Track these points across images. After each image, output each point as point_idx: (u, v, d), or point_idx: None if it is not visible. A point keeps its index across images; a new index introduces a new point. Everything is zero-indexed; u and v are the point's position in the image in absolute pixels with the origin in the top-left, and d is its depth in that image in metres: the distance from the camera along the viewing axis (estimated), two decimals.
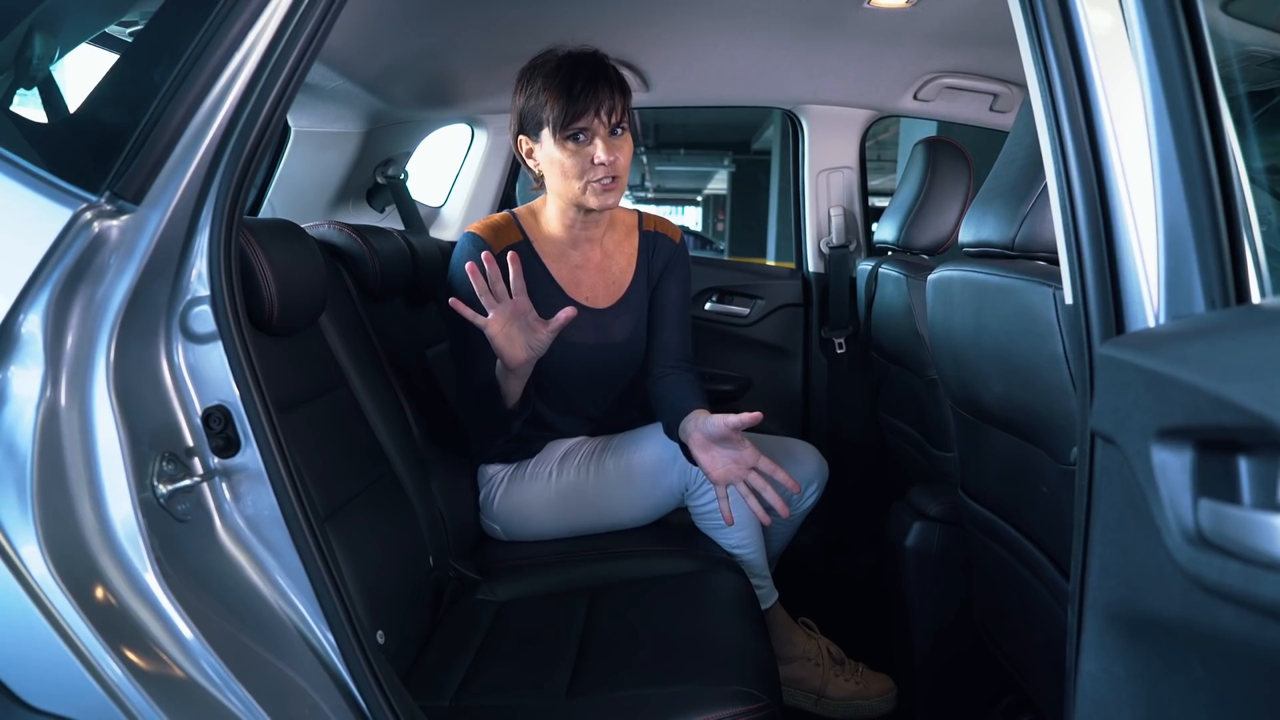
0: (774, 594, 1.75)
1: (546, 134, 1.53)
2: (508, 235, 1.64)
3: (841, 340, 2.50)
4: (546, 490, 1.68)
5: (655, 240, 1.77)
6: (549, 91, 1.51)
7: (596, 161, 1.52)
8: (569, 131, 1.51)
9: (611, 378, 1.74)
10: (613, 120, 1.52)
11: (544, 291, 1.64)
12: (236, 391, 0.94)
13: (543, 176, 1.61)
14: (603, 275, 1.72)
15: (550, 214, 1.66)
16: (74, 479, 0.87)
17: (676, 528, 1.78)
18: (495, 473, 1.73)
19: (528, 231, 1.66)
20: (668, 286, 1.76)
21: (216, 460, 0.96)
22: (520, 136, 1.59)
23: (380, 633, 1.21)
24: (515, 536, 1.75)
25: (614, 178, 1.54)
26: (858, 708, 1.74)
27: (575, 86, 1.49)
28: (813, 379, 2.60)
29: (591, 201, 1.56)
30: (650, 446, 1.65)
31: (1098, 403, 0.72)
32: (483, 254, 1.36)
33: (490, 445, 1.72)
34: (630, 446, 1.67)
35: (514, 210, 1.70)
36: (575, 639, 1.36)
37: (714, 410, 1.49)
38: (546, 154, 1.56)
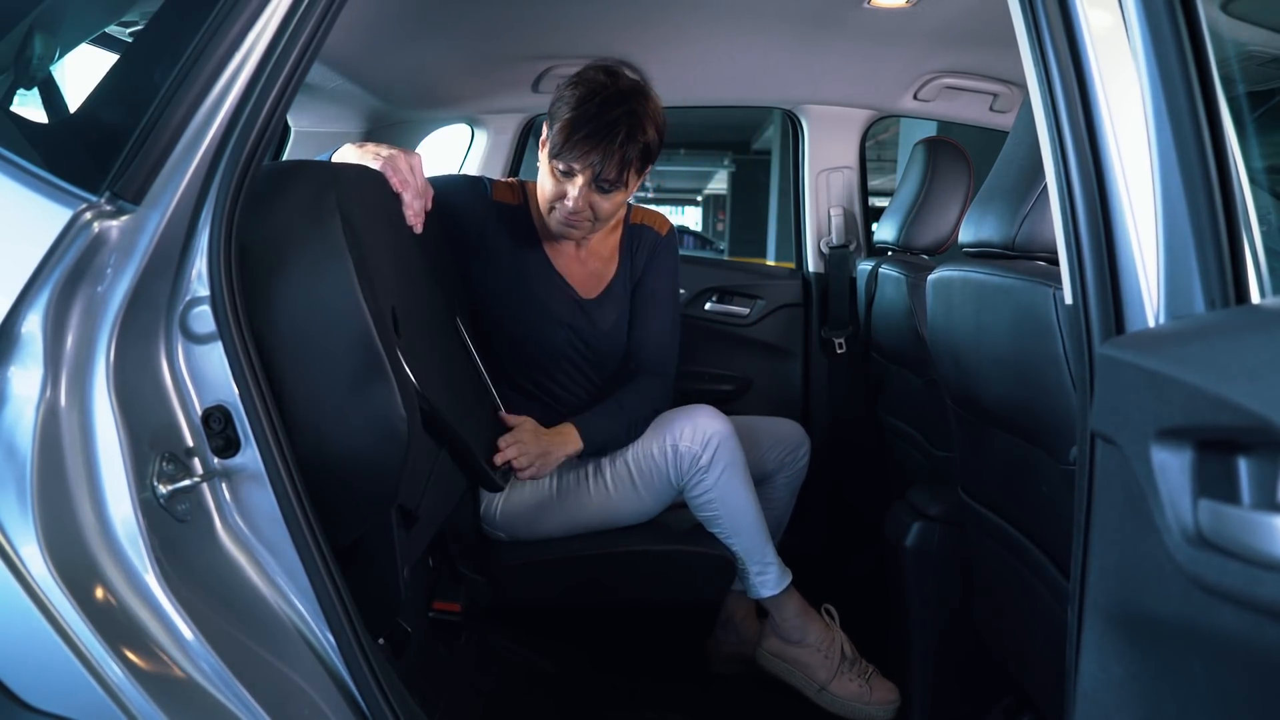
0: (787, 575, 1.74)
1: (547, 148, 1.55)
2: (509, 195, 1.70)
3: (841, 340, 2.50)
4: (549, 494, 1.70)
5: (640, 234, 1.77)
6: (564, 118, 1.49)
7: (566, 201, 1.54)
8: (557, 164, 1.53)
9: (598, 366, 1.76)
10: (601, 177, 1.51)
11: (536, 260, 1.69)
12: (236, 391, 0.94)
13: None
14: (583, 267, 1.75)
15: None
16: (74, 479, 0.87)
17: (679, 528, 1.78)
18: None
19: (530, 202, 1.70)
20: (648, 280, 1.77)
21: (216, 460, 0.96)
22: (544, 123, 1.59)
23: None
24: (520, 539, 1.76)
25: (576, 221, 1.57)
26: (855, 710, 1.74)
27: (583, 130, 1.47)
28: (813, 379, 2.59)
29: (552, 226, 1.61)
30: (642, 440, 1.67)
31: (1098, 403, 0.72)
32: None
33: None
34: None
35: (526, 182, 1.73)
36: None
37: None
38: (542, 161, 1.59)
